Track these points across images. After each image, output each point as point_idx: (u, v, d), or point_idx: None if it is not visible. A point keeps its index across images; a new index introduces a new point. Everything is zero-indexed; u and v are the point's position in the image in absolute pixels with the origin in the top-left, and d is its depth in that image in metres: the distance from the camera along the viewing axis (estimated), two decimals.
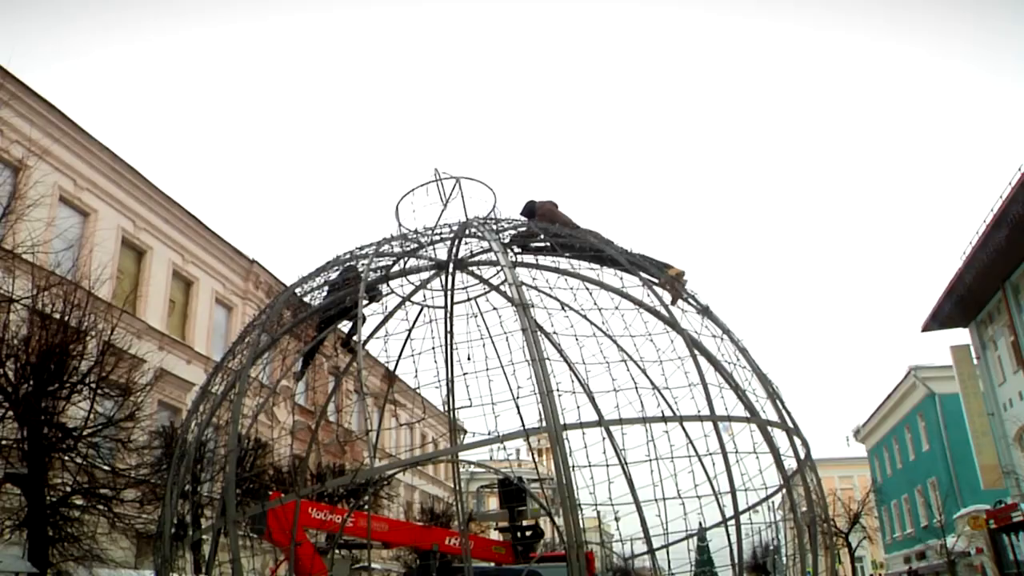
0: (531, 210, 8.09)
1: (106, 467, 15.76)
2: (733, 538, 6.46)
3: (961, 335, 34.05)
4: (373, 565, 22.10)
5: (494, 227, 7.47)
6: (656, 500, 6.80)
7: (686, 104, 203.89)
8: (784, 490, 7.12)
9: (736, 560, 6.43)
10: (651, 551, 8.48)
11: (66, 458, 14.85)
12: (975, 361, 32.60)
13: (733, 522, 6.45)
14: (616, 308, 6.87)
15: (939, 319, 33.13)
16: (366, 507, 18.03)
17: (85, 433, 14.69)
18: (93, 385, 14.73)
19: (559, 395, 5.50)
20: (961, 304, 31.30)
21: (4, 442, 14.34)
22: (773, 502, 7.67)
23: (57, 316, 14.61)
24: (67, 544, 14.93)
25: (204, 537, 14.75)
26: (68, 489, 14.95)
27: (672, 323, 6.55)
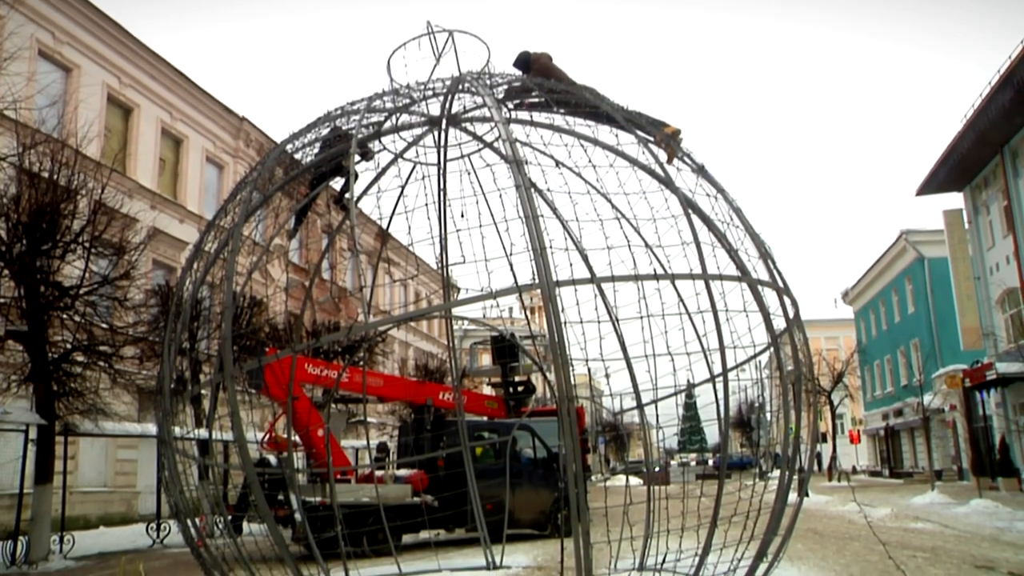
0: (525, 61, 7.83)
1: (104, 325, 15.96)
2: (720, 395, 6.60)
3: (955, 200, 34.06)
4: (368, 419, 22.79)
5: (488, 82, 7.26)
6: (646, 357, 6.92)
7: None
8: (772, 349, 7.23)
9: (722, 416, 6.60)
10: (640, 406, 8.72)
11: (64, 316, 15.01)
12: (966, 225, 32.74)
13: (721, 379, 6.57)
14: (611, 166, 6.77)
15: (935, 183, 33.02)
16: (361, 363, 18.43)
17: (81, 292, 14.80)
18: (86, 244, 14.72)
19: (552, 252, 5.48)
20: (958, 168, 31.13)
21: (2, 300, 14.47)
22: (760, 360, 7.81)
23: (45, 175, 14.42)
24: (72, 398, 15.32)
25: (204, 392, 15.15)
26: (68, 346, 15.20)
27: (667, 182, 6.47)
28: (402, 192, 9.20)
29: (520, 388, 19.80)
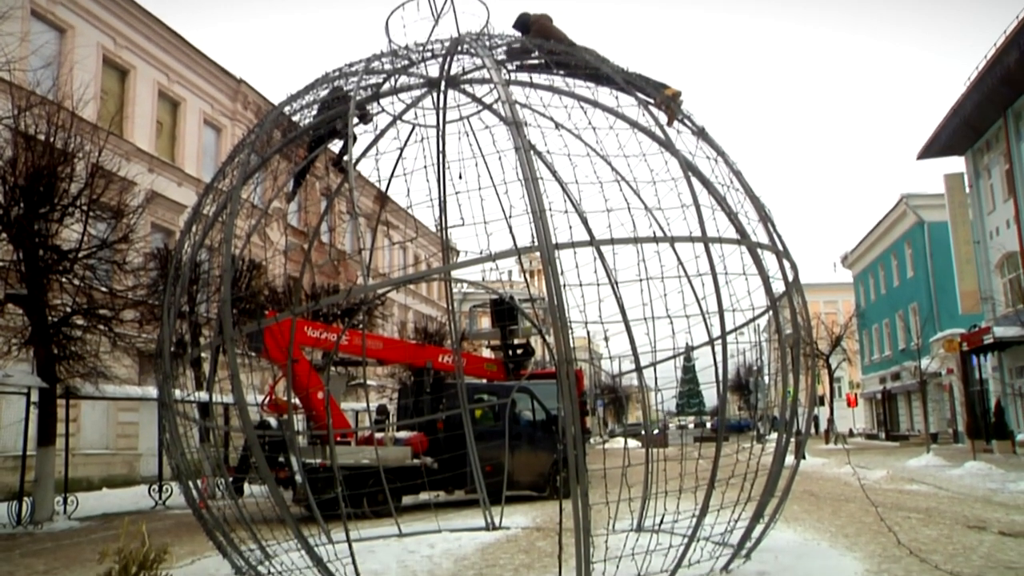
0: (524, 23, 7.73)
1: (103, 288, 15.96)
2: (719, 358, 6.61)
3: (956, 164, 33.91)
4: (368, 382, 22.86)
5: (487, 44, 7.18)
6: (645, 320, 6.91)
7: None
8: (771, 312, 7.23)
9: (720, 379, 6.62)
10: (638, 369, 8.75)
11: (63, 280, 15.01)
12: (967, 189, 32.64)
13: (720, 342, 6.58)
14: (611, 128, 6.71)
15: (936, 146, 32.86)
16: (361, 326, 18.45)
17: (80, 255, 14.78)
18: (84, 207, 14.67)
19: (551, 215, 5.46)
20: (960, 131, 30.96)
21: (1, 263, 14.45)
22: (759, 324, 7.82)
23: (41, 138, 14.33)
24: (72, 361, 15.37)
25: (204, 355, 15.19)
26: (68, 310, 15.21)
27: (667, 144, 6.43)
28: (401, 154, 9.15)
29: (519, 351, 19.88)
